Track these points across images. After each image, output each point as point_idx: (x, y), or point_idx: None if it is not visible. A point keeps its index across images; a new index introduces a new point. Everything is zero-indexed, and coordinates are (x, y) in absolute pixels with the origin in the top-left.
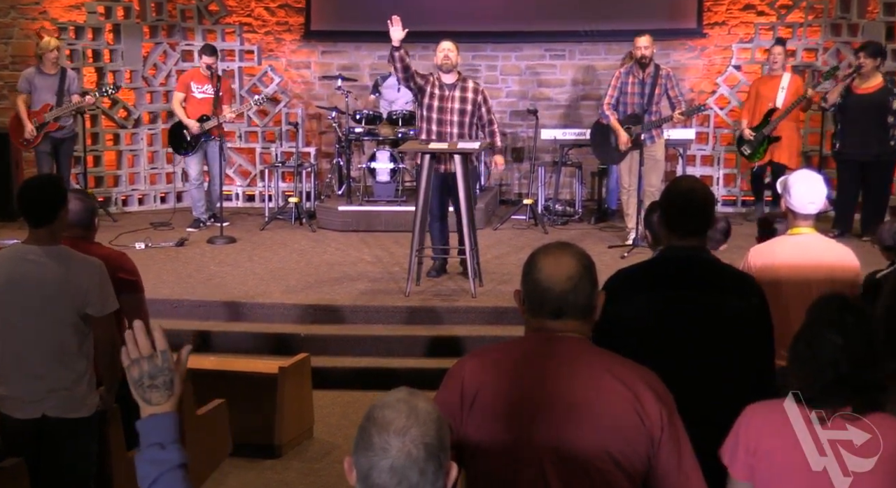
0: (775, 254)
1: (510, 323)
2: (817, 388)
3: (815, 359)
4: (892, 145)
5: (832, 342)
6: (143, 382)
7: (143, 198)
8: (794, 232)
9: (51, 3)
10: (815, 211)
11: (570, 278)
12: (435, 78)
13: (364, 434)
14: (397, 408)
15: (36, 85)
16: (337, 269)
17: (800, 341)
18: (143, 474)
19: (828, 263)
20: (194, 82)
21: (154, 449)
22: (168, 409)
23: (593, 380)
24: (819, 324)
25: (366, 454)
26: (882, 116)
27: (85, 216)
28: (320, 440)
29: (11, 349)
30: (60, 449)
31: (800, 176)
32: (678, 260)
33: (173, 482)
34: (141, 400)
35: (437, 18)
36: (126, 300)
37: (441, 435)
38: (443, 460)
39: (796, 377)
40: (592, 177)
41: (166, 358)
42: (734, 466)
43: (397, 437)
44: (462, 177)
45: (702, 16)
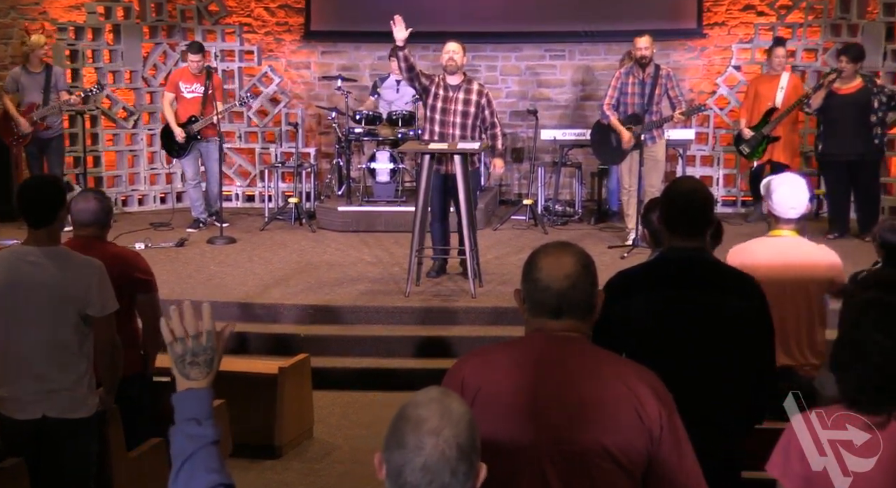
0: (754, 254)
1: (510, 323)
2: (868, 393)
3: (862, 363)
4: (876, 144)
5: (879, 344)
6: (186, 359)
7: (143, 198)
8: (774, 233)
9: (51, 3)
10: (796, 216)
11: (569, 277)
12: (440, 78)
13: (397, 431)
14: (431, 408)
15: (23, 84)
16: (337, 270)
17: (844, 347)
18: (178, 448)
19: (804, 263)
20: (182, 82)
21: (191, 424)
22: (204, 385)
23: (593, 380)
24: (864, 328)
25: (399, 451)
26: (864, 116)
27: (102, 216)
28: (320, 440)
29: (12, 350)
30: (60, 450)
31: (782, 180)
32: (679, 260)
33: (209, 458)
34: (179, 375)
35: (438, 19)
36: (142, 299)
37: (473, 436)
38: (474, 461)
39: (844, 384)
40: (592, 177)
41: (211, 338)
42: (788, 478)
43: (431, 436)
44: (462, 178)
45: (702, 16)
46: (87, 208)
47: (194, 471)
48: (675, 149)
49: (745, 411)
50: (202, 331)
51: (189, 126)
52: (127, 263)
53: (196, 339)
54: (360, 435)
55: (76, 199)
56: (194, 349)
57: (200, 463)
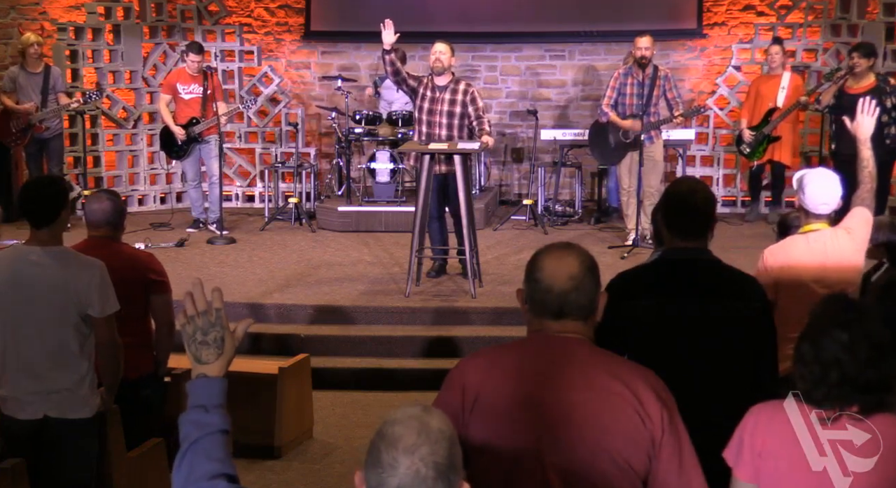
0: (789, 253)
1: (510, 323)
2: (823, 389)
3: (819, 358)
4: (887, 144)
5: (837, 341)
6: (196, 338)
7: (143, 198)
8: (806, 229)
9: (51, 3)
10: (827, 211)
11: (571, 277)
12: (428, 80)
13: (374, 450)
14: (408, 425)
15: (20, 84)
16: (337, 270)
17: (804, 341)
18: (184, 434)
19: (839, 259)
20: (180, 83)
21: (198, 411)
22: (217, 373)
23: (594, 381)
24: (823, 324)
25: (375, 470)
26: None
27: (114, 216)
28: (320, 440)
29: (13, 350)
30: (61, 450)
31: (815, 175)
32: (679, 261)
33: (213, 446)
34: (193, 359)
35: (437, 19)
36: (155, 301)
37: (452, 455)
38: (453, 480)
39: (801, 377)
40: (592, 177)
41: (219, 315)
42: (739, 467)
43: (406, 455)
44: (462, 178)
45: (702, 16)
46: (99, 209)
47: (196, 458)
48: (675, 150)
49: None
50: (209, 308)
51: (190, 128)
52: (141, 264)
53: (205, 316)
54: (360, 435)
55: (89, 200)
56: (204, 326)
57: (203, 450)
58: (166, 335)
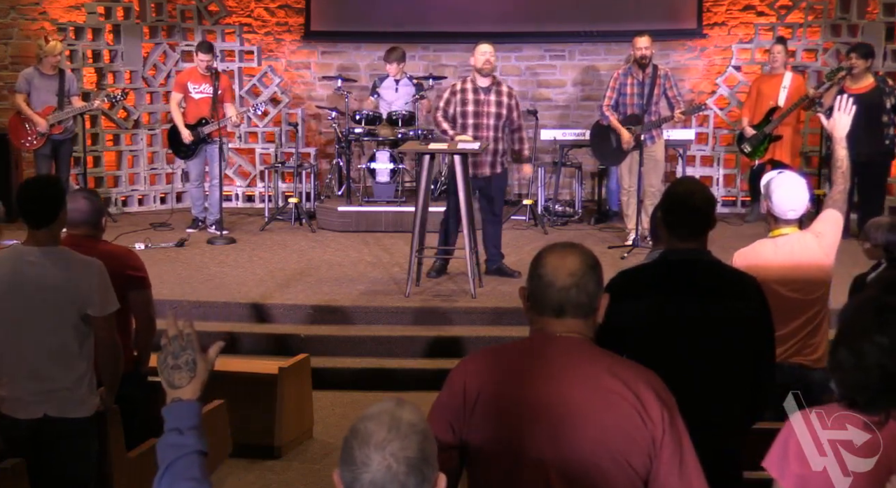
0: (758, 255)
1: (510, 323)
2: (868, 394)
3: (860, 365)
4: (886, 145)
5: (878, 345)
6: (168, 362)
7: (143, 198)
8: (775, 233)
9: (51, 3)
10: (794, 217)
11: (572, 275)
12: (462, 84)
13: (347, 447)
14: (380, 420)
15: (35, 85)
16: (337, 270)
17: (841, 347)
18: (161, 457)
19: (811, 261)
20: (191, 82)
21: (174, 434)
22: (190, 396)
23: (594, 382)
24: (860, 329)
25: (349, 468)
26: (876, 116)
27: (93, 216)
28: (320, 441)
29: (12, 350)
30: (61, 450)
31: (782, 180)
32: (678, 261)
33: (188, 466)
34: (166, 385)
35: (438, 19)
36: (135, 296)
37: (424, 448)
38: (426, 473)
39: (842, 384)
40: (592, 177)
41: (190, 339)
42: (785, 479)
43: (377, 451)
44: (462, 178)
45: (702, 16)
46: (76, 208)
47: (174, 479)
48: (675, 150)
49: (746, 412)
50: (180, 333)
51: (199, 128)
52: (118, 260)
53: (175, 340)
54: None
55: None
56: (174, 350)
57: (179, 471)
58: (146, 331)
